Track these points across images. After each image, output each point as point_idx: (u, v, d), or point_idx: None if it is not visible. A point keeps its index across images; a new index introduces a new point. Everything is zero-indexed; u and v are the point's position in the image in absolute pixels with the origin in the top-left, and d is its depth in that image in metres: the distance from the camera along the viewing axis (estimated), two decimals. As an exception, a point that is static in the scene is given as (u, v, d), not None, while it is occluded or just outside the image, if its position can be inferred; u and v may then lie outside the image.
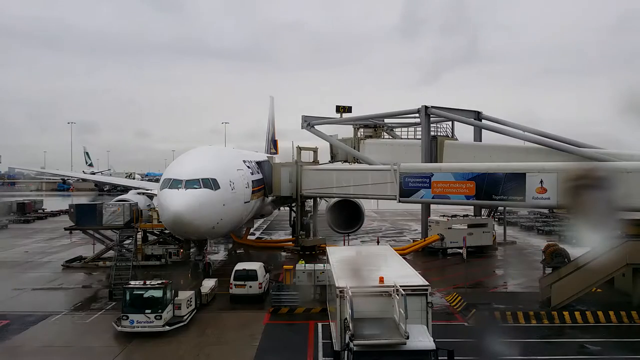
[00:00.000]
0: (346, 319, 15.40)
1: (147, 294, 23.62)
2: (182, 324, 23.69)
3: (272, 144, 77.89)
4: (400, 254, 27.14)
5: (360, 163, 47.29)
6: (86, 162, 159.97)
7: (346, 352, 14.26)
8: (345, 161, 51.75)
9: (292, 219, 49.35)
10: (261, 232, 57.07)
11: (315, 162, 46.17)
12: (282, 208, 56.30)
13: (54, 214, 76.82)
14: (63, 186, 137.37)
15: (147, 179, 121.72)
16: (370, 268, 19.48)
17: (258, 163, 43.47)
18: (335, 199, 44.03)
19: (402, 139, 53.32)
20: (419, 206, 47.29)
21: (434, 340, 14.48)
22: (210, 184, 30.06)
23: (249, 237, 49.86)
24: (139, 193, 47.15)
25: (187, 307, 24.76)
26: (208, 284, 29.03)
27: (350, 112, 51.71)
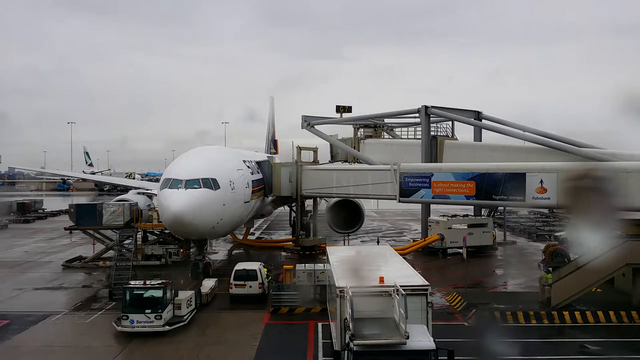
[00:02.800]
0: (346, 318, 15.40)
1: (147, 294, 23.63)
2: (182, 323, 23.70)
3: (272, 144, 77.87)
4: (401, 254, 27.13)
5: (360, 163, 47.28)
6: (86, 162, 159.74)
7: (346, 352, 14.27)
8: (345, 161, 51.75)
9: (292, 219, 49.35)
10: (261, 232, 57.08)
11: (315, 162, 46.14)
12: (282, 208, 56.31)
13: (54, 213, 76.72)
14: (63, 186, 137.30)
15: (147, 179, 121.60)
16: (370, 268, 19.48)
17: (258, 163, 43.44)
18: (335, 198, 44.03)
19: (402, 139, 53.30)
20: (419, 206, 47.29)
21: (434, 340, 14.48)
22: (210, 183, 30.03)
23: (249, 237, 49.87)
24: (139, 193, 47.14)
25: (187, 307, 24.76)
26: (208, 283, 29.05)
27: (350, 112, 51.80)
